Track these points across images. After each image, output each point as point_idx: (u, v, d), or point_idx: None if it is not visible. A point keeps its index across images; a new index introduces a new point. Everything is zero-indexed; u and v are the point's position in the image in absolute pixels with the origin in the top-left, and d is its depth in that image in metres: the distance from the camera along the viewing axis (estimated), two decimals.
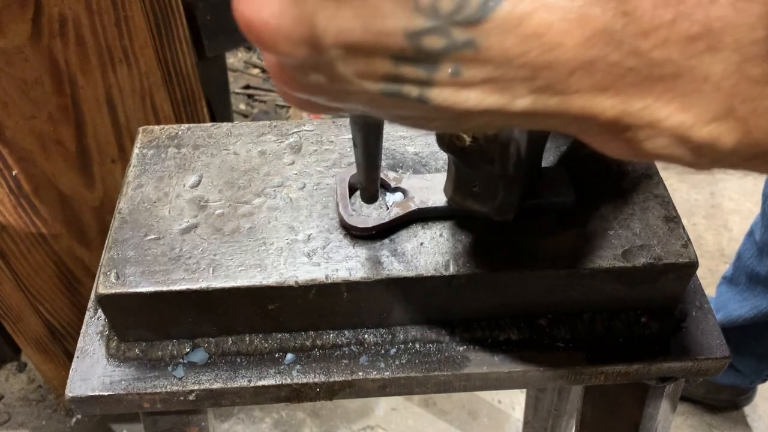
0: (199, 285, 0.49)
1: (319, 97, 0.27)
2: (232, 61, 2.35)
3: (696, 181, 1.93)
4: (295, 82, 0.27)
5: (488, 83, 0.24)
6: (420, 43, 0.23)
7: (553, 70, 0.24)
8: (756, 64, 0.24)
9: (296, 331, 0.54)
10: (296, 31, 0.24)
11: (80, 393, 0.51)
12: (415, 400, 1.44)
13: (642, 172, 0.57)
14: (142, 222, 0.53)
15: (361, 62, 0.24)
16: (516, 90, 0.25)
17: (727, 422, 1.44)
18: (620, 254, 0.51)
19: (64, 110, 0.96)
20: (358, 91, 0.26)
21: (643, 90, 0.25)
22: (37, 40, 0.88)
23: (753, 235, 1.21)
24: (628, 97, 0.25)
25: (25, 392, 1.47)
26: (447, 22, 0.23)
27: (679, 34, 0.24)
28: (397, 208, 0.53)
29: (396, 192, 0.54)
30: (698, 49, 0.24)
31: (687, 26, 0.23)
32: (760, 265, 1.19)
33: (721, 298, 1.29)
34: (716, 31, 0.24)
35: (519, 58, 0.23)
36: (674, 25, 0.23)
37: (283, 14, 0.23)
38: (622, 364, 0.53)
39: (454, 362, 0.53)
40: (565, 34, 0.23)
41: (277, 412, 1.43)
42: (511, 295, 0.52)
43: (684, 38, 0.24)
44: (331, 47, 0.24)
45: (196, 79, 1.08)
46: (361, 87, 0.25)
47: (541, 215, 0.53)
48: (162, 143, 0.60)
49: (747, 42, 0.24)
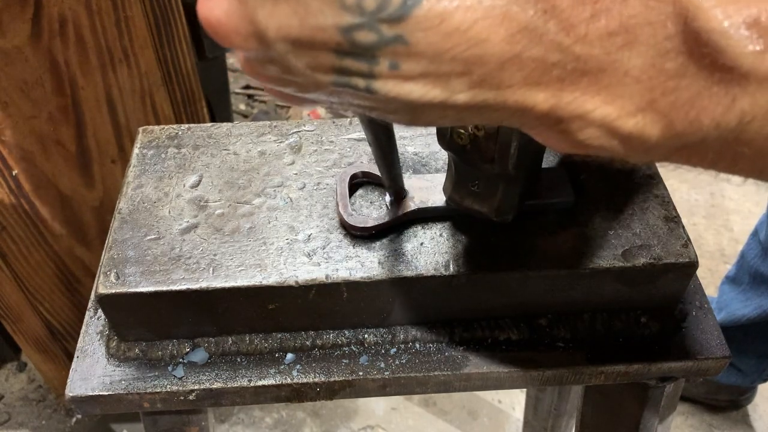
0: (199, 285, 0.49)
1: (284, 87, 0.29)
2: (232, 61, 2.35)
3: (696, 181, 1.92)
4: (258, 74, 0.29)
5: (426, 77, 0.26)
6: (353, 38, 0.25)
7: (483, 65, 0.25)
8: (670, 59, 0.26)
9: (296, 331, 0.54)
10: (243, 27, 0.26)
11: (80, 393, 0.51)
12: (415, 400, 1.44)
13: (642, 173, 0.57)
14: (142, 222, 0.53)
15: (308, 55, 0.26)
16: (454, 84, 0.26)
17: (728, 422, 1.44)
18: (620, 254, 0.51)
19: (64, 110, 0.96)
20: (313, 83, 0.27)
21: (570, 84, 0.26)
22: (37, 40, 0.88)
23: (757, 235, 1.21)
24: (558, 91, 0.26)
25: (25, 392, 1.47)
26: (373, 19, 0.24)
27: (598, 30, 0.25)
28: (398, 208, 0.53)
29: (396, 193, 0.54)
30: (617, 44, 0.25)
31: (605, 23, 0.25)
32: (764, 264, 1.19)
33: (723, 297, 1.29)
34: (632, 27, 0.25)
35: (447, 53, 0.25)
36: (592, 22, 0.25)
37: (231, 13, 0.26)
38: (622, 364, 0.53)
39: (454, 362, 0.53)
40: (489, 30, 0.24)
41: (277, 412, 1.43)
42: (511, 295, 0.52)
43: (603, 34, 0.25)
44: (275, 41, 0.26)
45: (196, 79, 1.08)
46: (315, 79, 0.27)
47: (541, 215, 0.53)
48: (162, 143, 0.60)
49: (661, 38, 0.25)
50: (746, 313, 1.22)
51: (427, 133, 0.61)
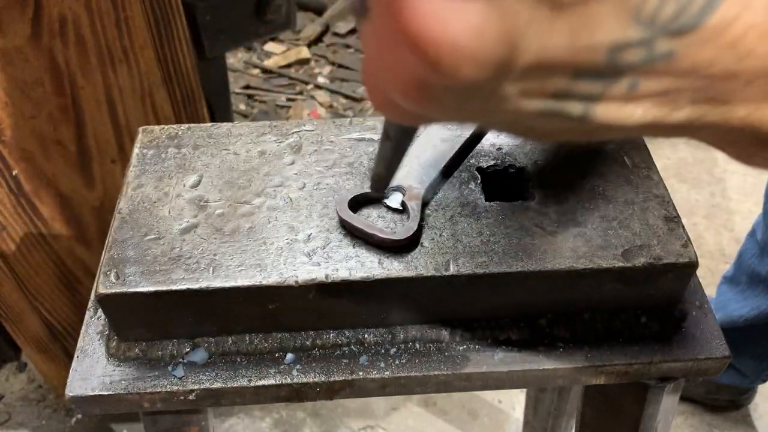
0: (199, 285, 0.49)
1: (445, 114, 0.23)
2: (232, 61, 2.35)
3: (696, 181, 1.92)
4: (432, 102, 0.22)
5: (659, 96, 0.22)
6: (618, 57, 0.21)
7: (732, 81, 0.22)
8: None
9: (296, 331, 0.54)
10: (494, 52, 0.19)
11: (80, 393, 0.51)
12: (415, 400, 1.44)
13: (642, 172, 0.57)
14: (142, 222, 0.53)
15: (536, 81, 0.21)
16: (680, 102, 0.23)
17: (728, 422, 1.44)
18: (620, 254, 0.51)
19: (64, 110, 0.96)
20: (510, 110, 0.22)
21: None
22: (37, 40, 0.88)
23: (755, 235, 1.21)
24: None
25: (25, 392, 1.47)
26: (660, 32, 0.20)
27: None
28: (412, 201, 0.53)
29: (393, 193, 0.54)
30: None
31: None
32: (762, 264, 1.19)
33: (721, 297, 1.29)
34: None
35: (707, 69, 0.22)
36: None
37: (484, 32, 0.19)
38: (622, 364, 0.53)
39: (454, 362, 0.53)
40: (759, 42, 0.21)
41: (277, 411, 1.43)
42: (511, 295, 0.52)
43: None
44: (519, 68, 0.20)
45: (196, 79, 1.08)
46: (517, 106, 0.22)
47: (541, 215, 0.53)
48: (162, 143, 0.60)
49: None
50: (744, 313, 1.22)
51: None
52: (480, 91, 0.21)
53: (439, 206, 0.55)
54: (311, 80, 2.30)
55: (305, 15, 2.53)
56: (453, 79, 0.20)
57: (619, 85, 0.22)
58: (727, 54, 0.21)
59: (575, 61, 0.20)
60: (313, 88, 2.28)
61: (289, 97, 2.24)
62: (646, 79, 0.22)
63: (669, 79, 0.22)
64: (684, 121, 0.23)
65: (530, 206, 0.54)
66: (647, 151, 0.59)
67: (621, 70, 0.21)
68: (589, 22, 0.20)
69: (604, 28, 0.20)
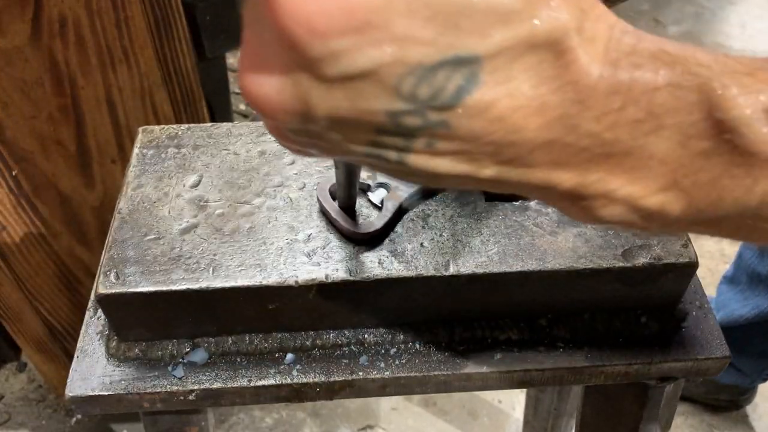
0: (199, 285, 0.49)
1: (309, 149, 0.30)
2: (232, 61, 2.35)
3: None
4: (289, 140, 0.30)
5: (458, 154, 0.27)
6: (399, 121, 0.26)
7: (516, 148, 0.27)
8: (695, 143, 0.27)
9: (296, 331, 0.54)
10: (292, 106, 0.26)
11: (80, 393, 0.51)
12: (415, 400, 1.44)
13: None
14: (142, 222, 0.53)
15: (348, 131, 0.27)
16: (482, 162, 0.27)
17: (728, 422, 1.44)
18: (620, 254, 0.51)
19: (64, 110, 0.96)
20: (345, 151, 0.28)
21: (597, 165, 0.28)
22: (37, 40, 0.88)
23: None
24: (583, 171, 0.28)
25: (25, 392, 1.47)
26: (423, 106, 0.25)
27: (627, 119, 0.27)
28: (391, 201, 0.53)
29: (378, 189, 0.54)
30: (644, 131, 0.27)
31: (633, 111, 0.26)
32: (761, 264, 1.19)
33: (721, 297, 1.29)
34: (658, 115, 0.27)
35: (485, 137, 0.26)
36: (622, 111, 0.26)
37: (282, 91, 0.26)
38: (622, 364, 0.53)
39: (454, 362, 0.53)
40: (527, 120, 0.26)
41: (277, 412, 1.43)
42: (511, 295, 0.52)
43: (631, 121, 0.27)
44: (321, 119, 0.26)
45: (196, 79, 1.08)
46: (348, 148, 0.28)
47: (541, 215, 0.53)
48: (162, 143, 0.60)
49: (686, 124, 0.27)
50: (744, 313, 1.22)
51: None
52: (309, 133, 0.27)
53: (439, 206, 0.55)
54: None
55: None
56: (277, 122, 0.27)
57: (418, 141, 0.27)
58: (498, 126, 0.26)
59: (365, 120, 0.26)
60: None
61: None
62: (439, 140, 0.26)
63: (457, 141, 0.26)
64: (494, 177, 0.28)
65: (530, 206, 0.54)
66: None
67: (411, 131, 0.26)
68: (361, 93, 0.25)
69: (375, 99, 0.25)
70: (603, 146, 0.27)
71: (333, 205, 0.53)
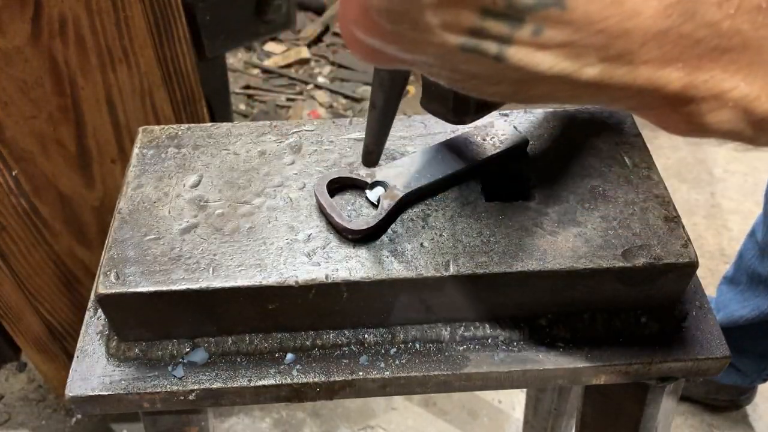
0: (199, 285, 0.49)
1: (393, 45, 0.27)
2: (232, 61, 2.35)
3: (696, 181, 1.93)
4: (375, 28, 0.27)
5: (564, 47, 0.25)
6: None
7: (627, 40, 0.24)
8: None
9: (296, 331, 0.54)
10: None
11: (80, 393, 0.51)
12: (415, 400, 1.44)
13: (642, 172, 0.57)
14: (142, 222, 0.53)
15: (450, 13, 0.24)
16: (587, 58, 0.25)
17: (728, 422, 1.44)
18: (620, 254, 0.51)
19: (64, 110, 0.96)
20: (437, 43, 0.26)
21: (710, 61, 0.25)
22: (37, 40, 0.88)
23: (755, 235, 1.21)
24: (695, 69, 0.25)
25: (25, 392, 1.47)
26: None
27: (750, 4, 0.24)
28: (387, 200, 0.53)
29: (375, 187, 0.54)
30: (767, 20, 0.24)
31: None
32: (762, 265, 1.19)
33: (721, 298, 1.29)
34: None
35: (598, 23, 0.24)
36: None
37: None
38: (622, 364, 0.53)
39: (454, 362, 0.53)
40: (645, 3, 0.24)
41: (277, 412, 1.43)
42: (511, 295, 0.52)
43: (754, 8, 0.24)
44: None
45: (196, 79, 1.08)
46: (442, 39, 0.25)
47: (541, 215, 0.53)
48: (162, 143, 0.60)
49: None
50: (744, 314, 1.22)
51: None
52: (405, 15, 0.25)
53: (439, 206, 0.55)
54: (311, 80, 2.30)
55: (305, 15, 2.53)
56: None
57: (524, 29, 0.24)
58: (615, 10, 0.24)
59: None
60: (313, 88, 2.29)
61: (289, 97, 2.24)
62: (548, 27, 0.24)
63: (569, 29, 0.24)
64: (596, 79, 0.26)
65: (530, 206, 0.54)
66: (647, 151, 0.59)
67: (521, 12, 0.24)
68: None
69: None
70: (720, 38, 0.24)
71: (329, 201, 0.53)
